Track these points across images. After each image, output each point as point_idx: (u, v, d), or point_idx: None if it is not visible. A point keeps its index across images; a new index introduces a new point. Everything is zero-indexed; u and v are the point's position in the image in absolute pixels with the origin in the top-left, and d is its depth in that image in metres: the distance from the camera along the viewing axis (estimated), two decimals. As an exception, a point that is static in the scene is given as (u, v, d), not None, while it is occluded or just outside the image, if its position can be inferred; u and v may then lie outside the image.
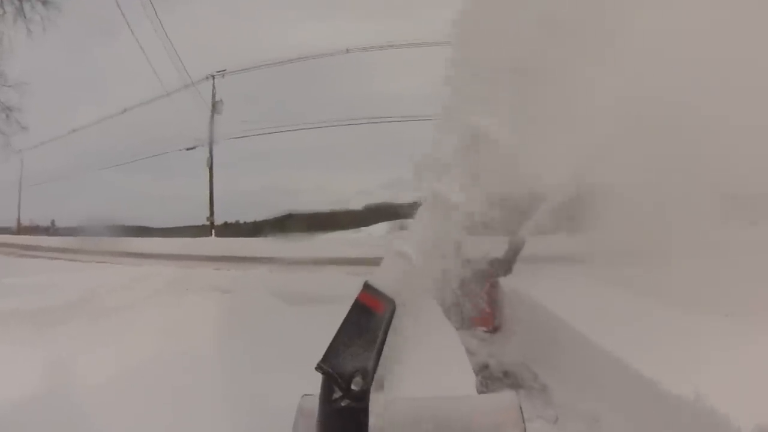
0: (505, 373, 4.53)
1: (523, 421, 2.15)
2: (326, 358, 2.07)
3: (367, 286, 2.21)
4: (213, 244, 13.92)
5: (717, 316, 3.52)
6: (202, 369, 3.80)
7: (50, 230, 17.67)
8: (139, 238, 13.92)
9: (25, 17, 13.63)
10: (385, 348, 2.15)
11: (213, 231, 15.69)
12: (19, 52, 14.23)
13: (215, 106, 15.62)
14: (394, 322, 2.20)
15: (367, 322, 2.15)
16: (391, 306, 2.18)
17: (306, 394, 2.27)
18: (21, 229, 17.68)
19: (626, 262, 4.83)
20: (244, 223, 20.04)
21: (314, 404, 2.13)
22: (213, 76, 15.64)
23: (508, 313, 5.52)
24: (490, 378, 4.45)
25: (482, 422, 2.16)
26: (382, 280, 2.23)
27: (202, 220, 15.82)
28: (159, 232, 16.56)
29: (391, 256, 2.27)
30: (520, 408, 2.18)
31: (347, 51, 14.44)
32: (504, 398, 2.49)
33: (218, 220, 17.87)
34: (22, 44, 13.99)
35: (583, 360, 3.68)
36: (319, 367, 2.07)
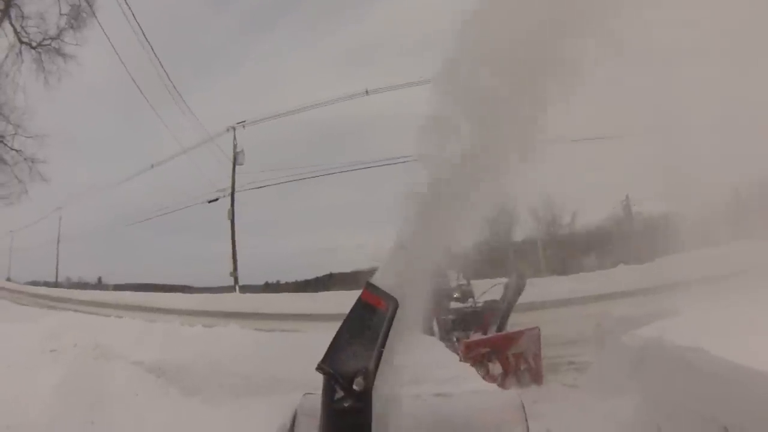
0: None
1: (526, 420, 2.09)
2: (327, 358, 2.03)
3: (369, 285, 2.19)
4: (234, 300, 13.88)
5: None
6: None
7: (98, 287, 18.23)
8: (162, 293, 14.06)
9: (44, 69, 14.89)
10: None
11: (237, 287, 15.68)
12: (40, 107, 15.41)
13: (236, 157, 16.01)
14: (396, 321, 2.17)
15: (369, 320, 2.12)
16: (394, 304, 2.14)
17: (307, 393, 2.25)
18: (70, 284, 18.29)
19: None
20: (285, 283, 20.23)
21: (315, 403, 2.09)
22: (234, 128, 16.18)
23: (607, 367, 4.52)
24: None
25: (484, 420, 2.12)
26: (384, 278, 2.22)
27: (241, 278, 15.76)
28: (195, 290, 16.74)
29: (392, 253, 2.27)
30: (522, 406, 2.13)
31: (367, 93, 14.97)
32: (506, 396, 2.42)
33: (258, 281, 18.05)
34: (39, 97, 15.12)
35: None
36: (319, 368, 2.02)
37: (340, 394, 1.99)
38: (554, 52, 2.29)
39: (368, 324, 2.11)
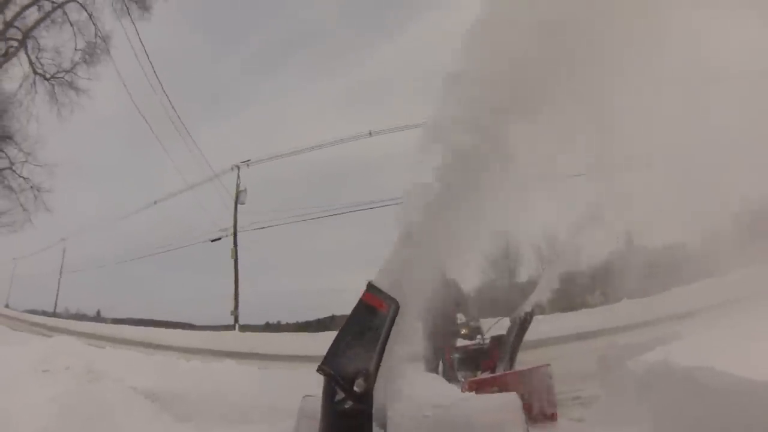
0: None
1: (525, 422, 2.10)
2: (328, 359, 2.05)
3: (370, 287, 2.21)
4: (233, 339, 13.64)
5: None
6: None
7: (96, 319, 17.95)
8: (161, 329, 13.82)
9: (57, 101, 15.32)
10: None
11: (237, 325, 15.44)
12: (51, 137, 15.67)
13: (239, 196, 16.07)
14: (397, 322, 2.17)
15: (370, 322, 2.14)
16: (395, 305, 2.16)
17: (307, 395, 2.26)
18: (68, 315, 18.02)
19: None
20: (286, 324, 19.93)
21: (315, 405, 2.08)
22: (238, 167, 16.33)
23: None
24: None
25: (484, 422, 2.10)
26: (385, 280, 2.24)
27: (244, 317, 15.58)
28: (196, 328, 16.50)
29: (394, 252, 2.30)
30: (522, 408, 2.13)
31: (370, 134, 15.26)
32: (506, 398, 2.39)
33: (259, 321, 17.78)
34: (51, 127, 15.42)
35: None
36: (320, 369, 2.03)
37: (340, 395, 1.99)
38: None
39: (369, 325, 2.14)
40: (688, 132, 3.97)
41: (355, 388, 1.97)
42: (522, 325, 6.10)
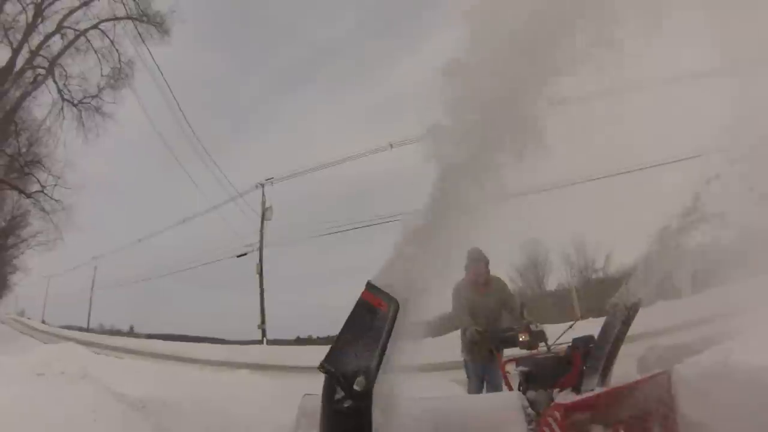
0: None
1: (525, 421, 2.06)
2: (329, 357, 2.02)
3: (370, 286, 2.13)
4: (259, 352, 13.73)
5: None
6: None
7: (130, 335, 18.54)
8: (183, 342, 14.06)
9: (83, 125, 15.98)
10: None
11: (264, 339, 15.65)
12: (80, 160, 16.20)
13: (265, 213, 16.56)
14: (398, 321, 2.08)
15: (371, 321, 2.07)
16: (395, 305, 2.08)
17: (307, 394, 2.25)
18: (102, 331, 18.66)
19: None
20: (317, 338, 20.10)
21: (315, 404, 2.06)
22: (262, 185, 16.86)
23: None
24: None
25: (483, 421, 2.09)
26: (386, 279, 2.15)
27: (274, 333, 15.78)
28: (227, 342, 16.77)
29: (396, 252, 2.21)
30: (523, 408, 2.11)
31: (391, 146, 15.33)
32: (506, 398, 2.39)
33: (289, 335, 17.95)
34: (79, 151, 15.92)
35: None
36: (321, 367, 2.01)
37: (340, 394, 1.97)
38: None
39: (369, 325, 2.07)
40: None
41: (355, 387, 1.93)
42: (626, 321, 3.76)
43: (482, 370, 4.88)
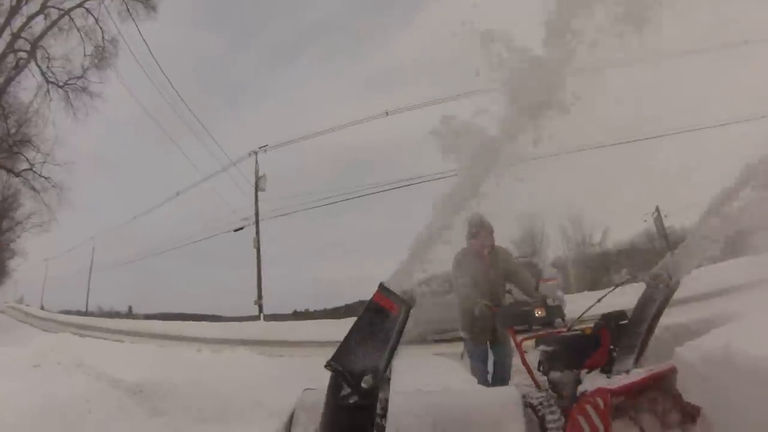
0: None
1: (524, 416, 2.08)
2: (337, 356, 2.03)
3: (382, 288, 2.11)
4: (257, 328, 13.80)
5: None
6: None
7: (128, 316, 18.56)
8: (181, 322, 14.12)
9: (72, 106, 15.65)
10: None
11: (262, 315, 15.64)
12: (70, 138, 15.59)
13: (259, 182, 15.94)
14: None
15: (381, 323, 2.07)
16: (406, 308, 2.08)
17: (307, 388, 2.28)
18: (101, 313, 18.70)
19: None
20: (314, 311, 20.27)
21: (315, 398, 2.09)
22: (255, 152, 16.21)
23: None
24: None
25: (482, 416, 2.10)
26: (397, 281, 2.14)
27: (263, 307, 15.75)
28: (224, 319, 16.85)
29: (410, 255, 2.18)
30: (521, 402, 2.13)
31: (387, 114, 15.09)
32: (505, 392, 2.36)
33: (286, 309, 17.99)
34: (69, 130, 15.77)
35: None
36: (329, 365, 2.01)
37: (346, 390, 1.99)
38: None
39: (380, 327, 2.07)
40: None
41: (363, 384, 1.96)
42: (668, 294, 3.33)
43: (484, 351, 4.54)
